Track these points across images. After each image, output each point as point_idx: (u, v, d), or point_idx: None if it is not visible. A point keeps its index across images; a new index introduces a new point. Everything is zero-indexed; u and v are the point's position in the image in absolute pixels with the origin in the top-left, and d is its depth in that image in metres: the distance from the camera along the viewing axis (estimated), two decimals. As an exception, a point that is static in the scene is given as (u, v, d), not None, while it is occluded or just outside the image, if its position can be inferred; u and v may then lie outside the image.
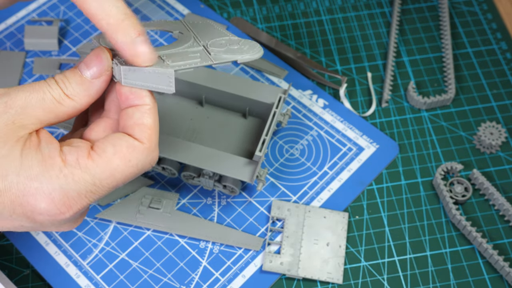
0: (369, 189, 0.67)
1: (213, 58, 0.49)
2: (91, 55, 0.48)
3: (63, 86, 0.47)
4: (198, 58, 0.48)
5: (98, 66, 0.48)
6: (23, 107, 0.46)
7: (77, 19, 0.78)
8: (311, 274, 0.61)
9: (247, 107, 0.67)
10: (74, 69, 0.48)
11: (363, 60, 0.76)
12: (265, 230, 0.64)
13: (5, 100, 0.45)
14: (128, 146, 0.47)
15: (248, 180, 0.60)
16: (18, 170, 0.44)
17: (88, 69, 0.48)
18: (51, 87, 0.47)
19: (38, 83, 0.47)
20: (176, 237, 0.64)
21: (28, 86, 0.47)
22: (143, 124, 0.48)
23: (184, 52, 0.49)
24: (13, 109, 0.45)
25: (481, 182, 0.66)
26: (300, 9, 0.80)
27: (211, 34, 0.52)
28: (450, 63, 0.74)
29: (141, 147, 0.47)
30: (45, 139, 0.46)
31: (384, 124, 0.71)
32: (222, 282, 0.62)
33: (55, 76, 0.48)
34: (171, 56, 0.48)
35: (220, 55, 0.49)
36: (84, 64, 0.48)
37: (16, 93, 0.46)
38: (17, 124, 0.45)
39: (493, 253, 0.62)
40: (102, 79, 0.48)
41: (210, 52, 0.49)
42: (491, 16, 0.80)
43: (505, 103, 0.73)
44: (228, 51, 0.49)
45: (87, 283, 0.61)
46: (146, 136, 0.48)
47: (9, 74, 0.73)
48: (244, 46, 0.50)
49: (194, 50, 0.50)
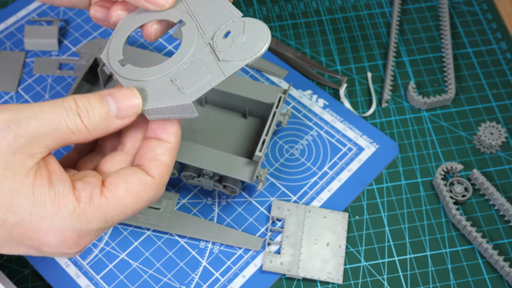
0: (369, 189, 0.67)
1: (224, 69, 0.47)
2: (124, 94, 0.46)
3: (84, 115, 0.45)
4: (209, 75, 0.47)
5: (127, 109, 0.46)
6: (34, 136, 0.43)
7: (77, 19, 0.78)
8: (311, 274, 0.61)
9: (247, 107, 0.67)
10: (100, 98, 0.46)
11: (363, 60, 0.76)
12: (265, 230, 0.64)
13: (15, 128, 0.43)
14: (140, 183, 0.46)
15: (248, 180, 0.60)
16: (30, 209, 0.43)
17: (117, 108, 0.46)
18: (68, 115, 0.44)
19: (54, 108, 0.44)
20: (176, 237, 0.64)
21: (43, 112, 0.44)
22: (161, 161, 0.47)
23: (194, 64, 0.48)
24: (23, 138, 0.43)
25: (481, 182, 0.66)
26: (300, 9, 0.80)
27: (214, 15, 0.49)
28: (450, 63, 0.74)
29: (152, 183, 0.47)
30: (56, 173, 0.45)
31: (384, 124, 0.71)
32: (222, 282, 0.62)
33: (76, 99, 0.45)
34: (183, 78, 0.47)
35: (229, 60, 0.47)
36: (113, 98, 0.46)
37: (27, 120, 0.43)
38: (25, 154, 0.43)
39: (493, 253, 0.62)
40: (126, 122, 0.47)
41: (218, 56, 0.47)
42: (491, 16, 0.80)
43: (505, 103, 0.73)
44: (236, 51, 0.47)
45: (87, 283, 0.61)
46: (160, 172, 0.47)
47: (9, 74, 0.73)
48: (250, 34, 0.48)
49: (202, 57, 0.48)
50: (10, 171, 0.43)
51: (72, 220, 0.44)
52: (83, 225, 0.45)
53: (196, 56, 0.48)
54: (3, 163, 0.43)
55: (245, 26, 0.48)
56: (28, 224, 0.44)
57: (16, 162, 0.43)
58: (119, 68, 0.49)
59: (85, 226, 0.45)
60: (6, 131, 0.43)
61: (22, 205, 0.43)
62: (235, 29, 0.48)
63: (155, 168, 0.47)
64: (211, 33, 0.49)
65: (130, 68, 0.48)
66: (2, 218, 0.43)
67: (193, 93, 0.46)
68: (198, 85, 0.47)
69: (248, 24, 0.48)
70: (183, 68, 0.48)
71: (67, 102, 0.45)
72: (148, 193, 0.47)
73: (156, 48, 0.76)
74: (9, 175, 0.43)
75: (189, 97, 0.46)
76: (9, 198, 0.43)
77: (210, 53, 0.48)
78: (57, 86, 0.73)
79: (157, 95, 0.47)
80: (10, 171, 0.43)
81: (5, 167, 0.43)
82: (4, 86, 0.73)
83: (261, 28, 0.48)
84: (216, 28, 0.49)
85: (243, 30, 0.48)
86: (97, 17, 0.53)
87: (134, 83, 0.48)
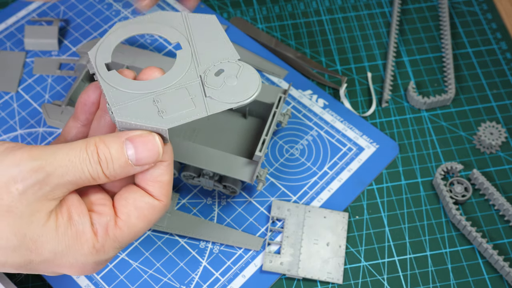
0: (369, 189, 0.67)
1: (208, 106, 0.46)
2: (144, 142, 0.46)
3: (105, 166, 0.45)
4: (192, 106, 0.46)
5: (147, 159, 0.46)
6: (58, 184, 0.44)
7: (77, 19, 0.78)
8: (311, 274, 0.61)
9: (247, 107, 0.67)
10: (120, 146, 0.46)
11: (363, 60, 0.76)
12: (265, 230, 0.64)
13: (41, 178, 0.44)
14: (149, 207, 0.47)
15: (248, 180, 0.61)
16: (54, 249, 0.45)
17: (136, 157, 0.46)
18: (91, 165, 0.45)
19: (78, 156, 0.45)
20: (176, 237, 0.64)
21: (68, 160, 0.45)
22: (162, 182, 0.48)
23: (179, 91, 0.47)
24: (48, 186, 0.44)
25: (481, 182, 0.66)
26: (300, 9, 0.80)
27: (211, 48, 0.49)
28: (450, 63, 0.74)
29: (160, 206, 0.48)
30: (75, 208, 0.46)
31: (384, 124, 0.71)
32: (222, 282, 0.62)
33: (98, 146, 0.45)
34: (165, 101, 0.46)
35: (215, 99, 0.47)
36: (132, 145, 0.46)
37: (53, 170, 0.44)
38: (49, 198, 0.45)
39: (493, 253, 0.62)
40: (145, 168, 0.47)
41: (206, 92, 0.47)
42: (491, 16, 0.80)
43: (505, 103, 0.73)
44: (224, 92, 0.47)
45: (87, 283, 0.61)
46: (164, 193, 0.48)
47: (9, 74, 0.73)
48: (241, 79, 0.47)
49: (189, 87, 0.47)
50: (35, 217, 0.44)
51: (92, 255, 0.46)
52: (101, 257, 0.47)
53: (184, 84, 0.47)
54: (29, 210, 0.44)
55: (239, 71, 0.48)
56: (53, 262, 0.46)
57: (41, 208, 0.44)
58: (104, 72, 0.48)
59: (103, 257, 0.47)
60: (33, 181, 0.44)
61: (46, 247, 0.45)
62: (228, 70, 0.48)
63: (158, 189, 0.48)
64: (204, 66, 0.48)
65: (115, 74, 0.48)
66: (27, 260, 0.45)
67: (172, 120, 0.46)
68: (179, 113, 0.46)
69: (243, 69, 0.48)
70: (169, 92, 0.47)
71: (90, 148, 0.45)
72: (156, 216, 0.48)
73: (156, 48, 0.76)
74: (34, 221, 0.44)
75: (167, 123, 0.45)
76: (34, 242, 0.45)
77: (199, 85, 0.47)
78: (57, 86, 0.73)
79: (135, 111, 0.46)
80: (35, 217, 0.44)
81: (30, 214, 0.44)
82: (4, 86, 0.73)
83: (254, 77, 0.48)
84: (211, 63, 0.48)
85: (237, 74, 0.48)
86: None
87: (115, 91, 0.47)
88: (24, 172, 0.44)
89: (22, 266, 0.46)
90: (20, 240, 0.44)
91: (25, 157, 0.44)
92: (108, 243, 0.46)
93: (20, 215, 0.44)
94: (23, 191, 0.44)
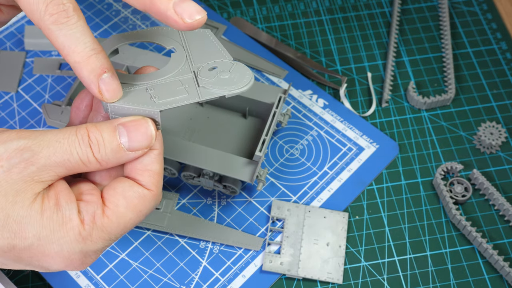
0: (369, 189, 0.67)
1: (201, 92, 0.47)
2: (137, 126, 0.46)
3: (96, 149, 0.45)
4: (185, 93, 0.47)
5: (140, 142, 0.46)
6: (45, 165, 0.44)
7: (77, 19, 0.78)
8: (311, 274, 0.61)
9: (247, 107, 0.67)
10: (112, 129, 0.46)
11: (363, 60, 0.76)
12: (265, 230, 0.64)
13: (27, 157, 0.43)
14: (138, 197, 0.47)
15: (248, 180, 0.61)
16: (39, 234, 0.44)
17: (129, 140, 0.45)
18: (80, 147, 0.45)
19: (68, 138, 0.45)
20: (176, 237, 0.64)
21: (56, 142, 0.44)
22: (152, 171, 0.47)
23: (173, 82, 0.48)
24: (34, 166, 0.44)
25: (481, 182, 0.66)
26: (300, 9, 0.80)
27: (206, 53, 0.50)
28: (450, 63, 0.74)
29: (150, 195, 0.47)
30: (63, 194, 0.45)
31: (384, 124, 0.71)
32: (222, 282, 0.62)
33: (89, 130, 0.45)
34: (158, 90, 0.47)
35: (208, 88, 0.47)
36: (125, 129, 0.46)
37: (40, 149, 0.44)
38: (35, 180, 0.44)
39: (493, 253, 0.62)
40: (138, 154, 0.46)
41: (199, 82, 0.48)
42: (491, 16, 0.80)
43: (505, 103, 0.73)
44: (217, 83, 0.48)
45: (87, 283, 0.61)
46: (154, 182, 0.47)
47: (9, 74, 0.74)
48: (234, 74, 0.48)
49: (183, 79, 0.48)
50: (20, 197, 0.44)
51: (78, 243, 0.45)
52: (88, 246, 0.46)
53: (177, 77, 0.48)
54: (13, 190, 0.43)
55: (232, 67, 0.49)
56: (37, 249, 0.45)
57: (26, 188, 0.44)
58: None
59: (91, 247, 0.46)
60: (18, 159, 0.43)
61: (31, 230, 0.44)
62: (221, 67, 0.49)
63: (148, 179, 0.47)
64: (198, 64, 0.49)
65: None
66: (11, 244, 0.44)
67: (164, 103, 0.46)
68: (171, 99, 0.47)
69: (235, 66, 0.49)
70: (162, 82, 0.48)
71: (80, 132, 0.45)
72: (147, 206, 0.47)
73: (156, 48, 0.76)
74: (19, 201, 0.44)
75: (159, 106, 0.46)
76: (18, 223, 0.44)
77: (192, 78, 0.48)
78: (57, 86, 0.73)
79: (127, 98, 0.46)
80: (20, 197, 0.44)
81: (15, 194, 0.43)
82: (4, 86, 0.73)
83: (246, 73, 0.48)
84: (205, 61, 0.49)
85: (229, 69, 0.49)
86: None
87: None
88: (9, 150, 0.43)
89: (6, 252, 0.44)
90: (3, 220, 0.43)
91: (12, 136, 0.44)
92: (96, 232, 0.45)
93: (5, 194, 0.43)
94: (8, 169, 0.43)
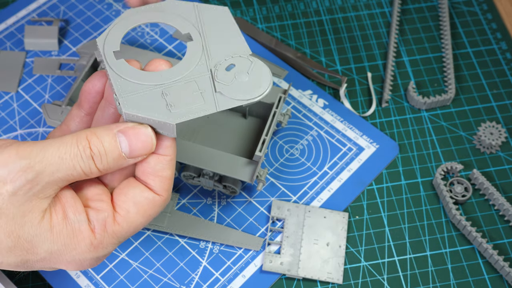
0: (369, 189, 0.67)
1: (218, 101, 0.45)
2: (137, 134, 0.45)
3: (98, 160, 0.45)
4: (201, 101, 0.45)
5: (140, 150, 0.45)
6: (49, 182, 0.44)
7: (77, 19, 0.78)
8: (311, 274, 0.61)
9: (247, 107, 0.67)
10: (113, 138, 0.45)
11: (363, 60, 0.76)
12: (265, 230, 0.64)
13: (31, 177, 0.43)
14: (148, 202, 0.47)
15: (248, 180, 0.61)
16: (50, 249, 0.45)
17: (129, 149, 0.45)
18: (83, 160, 0.44)
19: (69, 153, 0.44)
20: (176, 237, 0.64)
21: (58, 157, 0.44)
22: (163, 177, 0.47)
23: (189, 84, 0.46)
24: (39, 185, 0.43)
25: (481, 182, 0.66)
26: (300, 9, 0.80)
27: (223, 42, 0.48)
28: (450, 63, 0.74)
29: (160, 201, 0.47)
30: (70, 205, 0.45)
31: (384, 124, 0.71)
32: (222, 282, 0.62)
33: (90, 140, 0.45)
34: (174, 95, 0.45)
35: (226, 95, 0.46)
36: (125, 137, 0.45)
37: (43, 169, 0.43)
38: (40, 197, 0.44)
39: (493, 253, 0.62)
40: (138, 160, 0.46)
41: (216, 87, 0.46)
42: (491, 16, 0.80)
43: (505, 103, 0.73)
44: (235, 88, 0.46)
45: (87, 283, 0.61)
46: (165, 188, 0.47)
47: (9, 74, 0.74)
48: (253, 76, 0.46)
49: (199, 81, 0.46)
50: (28, 217, 0.44)
51: (90, 252, 0.46)
52: (99, 253, 0.46)
53: (194, 77, 0.46)
54: (21, 211, 0.44)
55: (251, 67, 0.47)
56: (49, 261, 0.46)
57: (33, 207, 0.44)
58: (112, 60, 0.46)
59: (101, 253, 0.47)
60: (23, 181, 0.43)
61: (42, 247, 0.45)
62: (240, 66, 0.47)
63: (159, 184, 0.47)
64: (215, 59, 0.47)
65: (123, 63, 0.46)
66: (24, 259, 0.45)
67: (180, 115, 0.44)
68: (187, 108, 0.45)
69: (254, 66, 0.47)
70: (178, 84, 0.46)
71: (82, 143, 0.44)
72: (156, 211, 0.48)
73: (156, 48, 0.76)
74: (27, 222, 0.44)
75: (175, 118, 0.44)
76: (29, 242, 0.44)
77: (209, 79, 0.46)
78: (57, 86, 0.73)
79: (143, 103, 0.45)
80: (28, 217, 0.44)
81: (23, 215, 0.44)
82: (4, 86, 0.73)
83: (265, 74, 0.47)
84: (222, 57, 0.47)
85: (248, 69, 0.47)
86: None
87: (122, 81, 0.45)
88: (13, 172, 0.43)
89: (19, 265, 0.45)
90: (15, 241, 0.44)
91: (13, 156, 0.43)
92: (107, 239, 0.46)
93: (12, 217, 0.43)
94: (13, 192, 0.43)
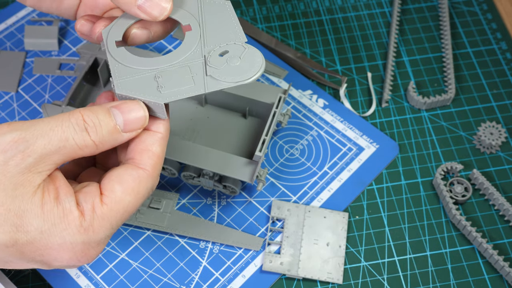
0: (369, 189, 0.67)
1: (207, 83, 0.47)
2: (130, 107, 0.46)
3: (92, 130, 0.45)
4: (191, 84, 0.47)
5: (134, 123, 0.46)
6: (41, 155, 0.44)
7: (77, 19, 0.78)
8: (311, 274, 0.61)
9: (247, 107, 0.67)
10: (107, 111, 0.46)
11: (363, 60, 0.76)
12: (265, 230, 0.64)
13: (22, 148, 0.43)
14: (133, 179, 0.47)
15: (248, 180, 0.61)
16: (40, 227, 0.44)
17: (124, 121, 0.46)
18: (76, 131, 0.44)
19: (62, 125, 0.44)
20: (176, 237, 0.64)
21: (50, 130, 0.44)
22: (152, 152, 0.47)
23: (182, 69, 0.48)
24: (31, 157, 0.43)
25: (481, 182, 0.66)
26: (300, 9, 0.80)
27: (220, 31, 0.50)
28: (450, 63, 0.74)
29: (146, 175, 0.47)
30: (62, 188, 0.45)
31: (384, 124, 0.71)
32: (222, 282, 0.62)
33: (83, 114, 0.45)
34: (166, 78, 0.47)
35: (215, 78, 0.47)
36: (119, 111, 0.46)
37: (35, 140, 0.43)
38: (33, 172, 0.44)
39: (493, 253, 0.62)
40: (133, 135, 0.47)
41: (207, 71, 0.48)
42: (491, 16, 0.80)
43: (505, 103, 0.73)
44: (225, 72, 0.48)
45: (87, 283, 0.61)
46: (152, 163, 0.47)
47: (9, 74, 0.74)
48: (245, 61, 0.48)
49: (192, 66, 0.48)
50: (19, 191, 0.43)
51: (80, 234, 0.45)
52: (91, 237, 0.46)
53: (188, 62, 0.49)
54: (12, 183, 0.43)
55: (244, 52, 0.49)
56: (39, 242, 0.45)
57: (25, 181, 0.43)
58: (113, 48, 0.50)
59: (93, 237, 0.46)
60: (14, 151, 0.43)
61: (32, 223, 0.44)
62: (233, 51, 0.49)
63: (146, 159, 0.47)
64: (210, 46, 0.49)
65: (123, 51, 0.49)
66: (13, 238, 0.44)
67: (169, 95, 0.47)
68: (177, 89, 0.47)
69: (247, 51, 0.49)
70: (171, 69, 0.48)
71: (74, 117, 0.45)
72: (144, 187, 0.47)
73: (156, 48, 0.76)
74: (18, 195, 0.43)
75: (164, 98, 0.47)
76: (20, 217, 0.43)
77: (202, 64, 0.48)
78: (57, 86, 0.73)
79: (135, 85, 0.47)
80: (19, 191, 0.43)
81: (14, 187, 0.43)
82: (4, 86, 0.73)
83: (257, 59, 0.48)
84: (217, 44, 0.49)
85: (240, 55, 0.48)
86: (83, 32, 0.53)
87: (120, 66, 0.48)
88: (4, 143, 0.43)
89: (9, 247, 0.44)
90: (4, 214, 0.43)
91: (4, 129, 0.43)
92: (97, 222, 0.45)
93: (4, 188, 0.43)
94: (4, 162, 0.43)
